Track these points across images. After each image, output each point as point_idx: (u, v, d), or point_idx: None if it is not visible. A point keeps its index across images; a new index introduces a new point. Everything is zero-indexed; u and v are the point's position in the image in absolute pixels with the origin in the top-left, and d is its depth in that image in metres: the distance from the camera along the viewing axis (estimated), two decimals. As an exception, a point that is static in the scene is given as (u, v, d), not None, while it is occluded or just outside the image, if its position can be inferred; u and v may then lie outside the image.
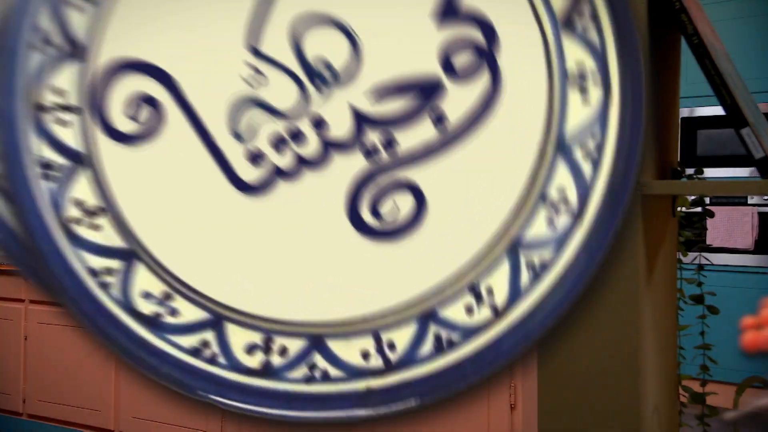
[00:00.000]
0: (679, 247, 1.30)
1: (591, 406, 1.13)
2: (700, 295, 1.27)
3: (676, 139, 1.32)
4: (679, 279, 1.30)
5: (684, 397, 1.28)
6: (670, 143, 1.29)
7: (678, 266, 1.29)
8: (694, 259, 1.33)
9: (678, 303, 1.31)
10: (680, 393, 1.29)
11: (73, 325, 3.34)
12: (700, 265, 1.28)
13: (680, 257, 1.28)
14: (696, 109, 4.11)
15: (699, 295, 1.27)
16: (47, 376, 3.54)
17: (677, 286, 1.30)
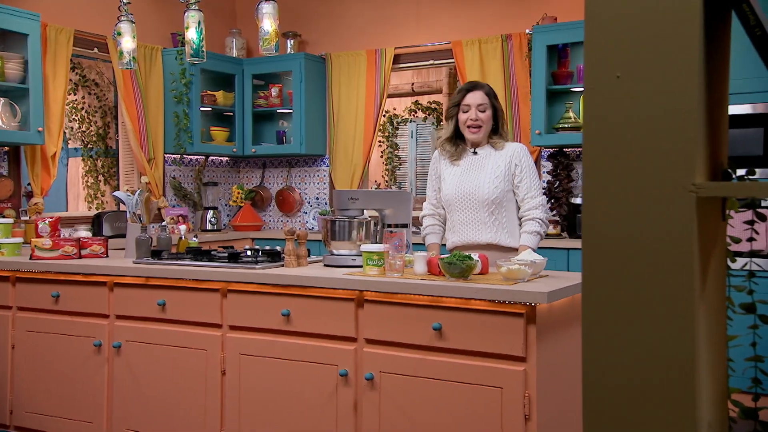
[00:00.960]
0: (728, 253, 1.26)
1: (642, 423, 1.08)
2: (751, 304, 1.23)
3: (726, 138, 1.28)
4: (727, 287, 1.26)
5: (734, 413, 1.24)
6: (721, 143, 1.25)
7: (726, 273, 1.25)
8: (743, 266, 1.29)
9: (726, 312, 1.27)
10: (730, 408, 1.25)
11: (63, 333, 3.29)
12: (751, 272, 1.23)
13: (729, 264, 1.24)
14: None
15: (750, 304, 1.23)
16: (36, 387, 3.47)
17: (725, 294, 1.26)
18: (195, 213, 5.71)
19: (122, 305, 3.24)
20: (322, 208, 5.86)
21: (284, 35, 5.87)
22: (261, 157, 6.07)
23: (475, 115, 3.11)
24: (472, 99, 3.12)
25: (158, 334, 3.14)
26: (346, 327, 2.73)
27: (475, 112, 3.12)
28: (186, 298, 3.07)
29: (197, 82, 5.38)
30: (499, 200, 3.08)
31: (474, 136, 3.14)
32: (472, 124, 3.12)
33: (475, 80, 3.36)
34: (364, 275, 2.75)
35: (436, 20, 5.47)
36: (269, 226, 6.13)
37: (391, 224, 3.11)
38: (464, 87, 3.18)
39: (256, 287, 2.92)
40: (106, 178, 5.92)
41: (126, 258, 3.47)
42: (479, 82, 3.25)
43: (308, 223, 5.92)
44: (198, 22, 3.08)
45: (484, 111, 3.12)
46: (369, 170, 5.85)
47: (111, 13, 5.14)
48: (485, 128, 3.14)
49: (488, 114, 3.13)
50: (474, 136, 3.14)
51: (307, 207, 5.99)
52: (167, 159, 5.54)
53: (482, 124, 3.13)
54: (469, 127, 3.13)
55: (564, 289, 2.49)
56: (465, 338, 2.49)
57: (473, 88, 3.16)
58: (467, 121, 3.12)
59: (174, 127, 5.36)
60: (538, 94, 4.75)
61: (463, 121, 3.14)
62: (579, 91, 4.85)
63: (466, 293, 2.49)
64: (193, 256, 3.24)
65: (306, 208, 5.99)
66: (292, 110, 5.63)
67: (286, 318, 2.84)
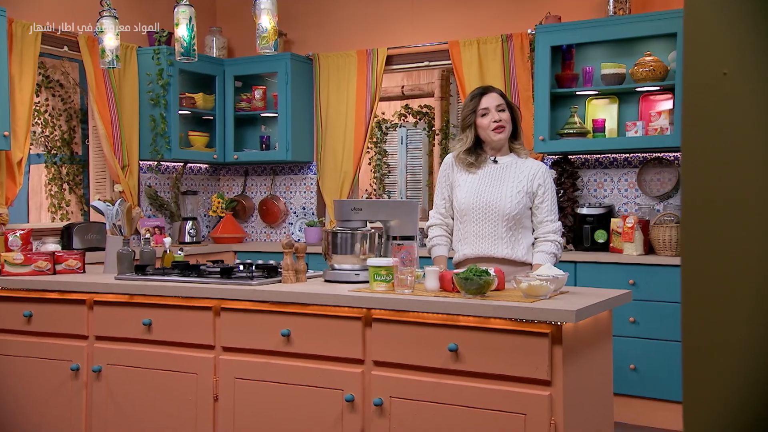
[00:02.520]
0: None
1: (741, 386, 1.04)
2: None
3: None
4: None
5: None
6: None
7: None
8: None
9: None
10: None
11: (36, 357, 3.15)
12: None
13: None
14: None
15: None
16: (5, 415, 3.33)
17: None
18: (172, 224, 5.59)
19: (103, 325, 3.12)
20: (309, 218, 5.77)
21: (268, 34, 5.78)
22: (243, 164, 5.98)
23: (498, 117, 3.08)
24: (489, 101, 3.09)
25: (143, 356, 3.03)
26: (353, 348, 2.65)
27: (496, 113, 3.08)
28: (174, 317, 2.97)
29: (175, 83, 5.28)
30: (519, 216, 3.04)
31: (500, 136, 3.11)
32: (497, 125, 3.08)
33: (483, 85, 3.32)
34: (371, 292, 2.68)
35: (431, 19, 5.43)
36: (252, 237, 6.04)
37: (396, 236, 3.05)
38: (476, 92, 3.14)
39: (252, 305, 2.83)
40: (71, 186, 5.77)
41: (106, 273, 3.35)
42: (489, 85, 3.23)
43: (294, 234, 5.83)
44: (189, 18, 3.01)
45: (503, 110, 3.11)
46: (359, 178, 5.78)
47: (83, 9, 5.04)
48: (508, 128, 3.12)
49: (507, 115, 3.12)
50: (500, 136, 3.11)
51: (292, 217, 5.91)
52: (142, 166, 5.42)
53: (505, 124, 3.10)
54: (493, 130, 3.09)
55: (592, 307, 2.43)
56: (484, 360, 2.42)
57: (486, 91, 3.14)
58: (490, 124, 3.08)
59: (150, 132, 5.25)
60: (541, 97, 4.72)
61: (485, 125, 3.09)
62: (584, 95, 4.83)
63: (484, 311, 2.42)
64: (180, 272, 3.14)
65: (292, 219, 5.91)
66: (277, 114, 5.55)
67: (286, 338, 2.76)
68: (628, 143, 4.59)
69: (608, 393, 2.75)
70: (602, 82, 4.68)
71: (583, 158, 4.97)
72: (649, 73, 4.48)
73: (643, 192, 4.77)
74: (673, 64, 4.44)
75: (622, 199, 4.86)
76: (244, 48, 5.98)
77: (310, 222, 5.56)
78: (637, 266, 4.29)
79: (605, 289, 2.86)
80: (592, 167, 4.96)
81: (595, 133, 4.73)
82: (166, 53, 5.23)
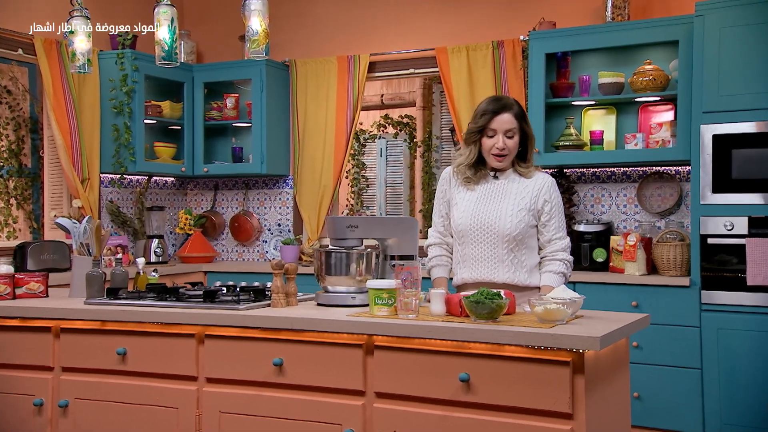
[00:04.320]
0: None
1: None
2: None
3: None
4: None
5: None
6: None
7: None
8: None
9: None
10: None
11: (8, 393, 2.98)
12: None
13: None
14: (728, 125, 4.09)
15: None
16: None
17: None
18: (135, 242, 5.47)
19: (71, 355, 3.01)
20: (285, 236, 5.69)
21: (241, 38, 5.71)
22: (213, 178, 5.91)
23: (502, 144, 2.98)
24: (500, 124, 2.96)
25: (117, 389, 2.93)
26: (353, 378, 2.58)
27: (502, 140, 2.98)
28: (153, 345, 2.88)
29: (140, 90, 5.19)
30: (521, 236, 2.97)
31: (499, 165, 3.02)
32: (498, 153, 3.00)
33: (502, 97, 3.12)
34: (371, 316, 2.62)
35: (417, 24, 5.41)
36: (222, 257, 5.94)
37: (395, 256, 2.99)
38: (490, 108, 2.99)
39: (239, 331, 2.75)
40: (19, 201, 5.59)
41: (72, 297, 3.24)
42: (506, 100, 3.04)
43: (268, 253, 5.74)
44: (171, 20, 2.94)
45: (512, 137, 2.99)
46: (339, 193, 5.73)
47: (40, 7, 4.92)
48: (511, 156, 3.03)
49: (516, 141, 2.99)
50: (499, 164, 3.02)
51: (267, 235, 5.83)
52: (104, 179, 5.30)
53: (508, 152, 3.01)
54: (494, 155, 3.01)
55: (616, 332, 2.40)
56: (498, 391, 2.37)
57: (501, 109, 2.98)
58: (492, 149, 3.00)
59: (113, 143, 5.15)
60: (535, 108, 4.71)
61: (487, 148, 3.01)
62: (581, 105, 4.84)
63: (499, 338, 2.37)
64: (157, 295, 3.04)
65: (266, 237, 5.82)
66: (251, 124, 5.50)
67: (278, 368, 2.68)
68: (627, 156, 4.60)
69: (626, 426, 2.71)
70: (600, 91, 4.70)
71: (580, 172, 4.97)
72: (650, 83, 4.50)
73: (643, 208, 4.78)
74: (675, 73, 4.47)
75: (620, 215, 4.86)
76: (215, 53, 5.91)
77: (287, 240, 5.49)
78: (639, 287, 4.28)
79: (621, 313, 2.83)
80: (589, 181, 4.96)
81: (592, 146, 4.74)
82: (131, 58, 5.14)
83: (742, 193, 4.07)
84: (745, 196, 4.05)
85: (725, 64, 4.09)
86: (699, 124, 4.16)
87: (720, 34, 4.10)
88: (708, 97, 4.13)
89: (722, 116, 4.11)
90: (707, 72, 4.13)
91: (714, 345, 4.07)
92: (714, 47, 4.11)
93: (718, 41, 4.10)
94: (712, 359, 4.07)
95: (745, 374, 4.00)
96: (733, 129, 4.09)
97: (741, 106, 4.07)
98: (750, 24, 4.05)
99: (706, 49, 4.13)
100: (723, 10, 4.09)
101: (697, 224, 4.15)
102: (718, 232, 4.10)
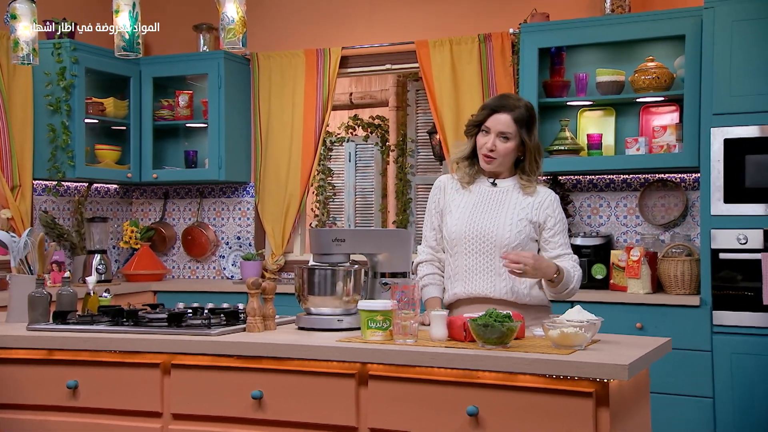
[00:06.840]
0: None
1: None
2: None
3: None
4: None
5: None
6: None
7: None
8: None
9: None
10: None
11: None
12: None
13: None
14: (741, 128, 4.13)
15: None
16: None
17: None
18: (74, 258, 5.35)
19: (11, 390, 2.92)
20: (246, 251, 5.64)
21: (196, 28, 5.65)
22: (163, 185, 5.87)
23: (491, 144, 2.98)
24: (494, 123, 2.97)
25: (67, 428, 2.85)
26: (344, 413, 2.54)
27: (492, 140, 2.98)
28: (109, 377, 2.81)
29: (81, 85, 5.10)
30: (520, 248, 2.95)
31: (487, 167, 3.04)
32: (487, 153, 3.00)
33: (510, 96, 3.12)
34: (364, 342, 2.59)
35: (395, 14, 5.41)
36: (174, 274, 5.88)
37: (385, 273, 2.96)
38: (490, 105, 3.02)
39: (211, 360, 2.71)
40: (-66, 211, 5.47)
41: (11, 323, 3.14)
42: (511, 100, 3.03)
43: (226, 270, 5.68)
44: (132, 5, 2.87)
45: (506, 141, 2.98)
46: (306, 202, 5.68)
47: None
48: (501, 161, 3.02)
49: (510, 146, 2.98)
50: (487, 166, 3.03)
51: (224, 249, 5.78)
52: (36, 187, 5.20)
53: (498, 156, 3.00)
54: (483, 155, 3.01)
55: (642, 359, 2.38)
56: (511, 426, 2.34)
57: (500, 108, 2.98)
58: (482, 148, 3.01)
59: (48, 145, 5.06)
60: (527, 108, 4.71)
61: (479, 146, 3.03)
62: (577, 106, 4.86)
63: (512, 366, 2.34)
64: (112, 319, 2.96)
65: (223, 251, 5.78)
66: (207, 124, 5.48)
67: (257, 402, 2.63)
68: (627, 162, 4.63)
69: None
70: (597, 91, 4.73)
71: (575, 179, 4.99)
72: (652, 81, 4.53)
73: (645, 219, 4.81)
74: (681, 71, 4.51)
75: (621, 227, 4.88)
76: (165, 45, 5.82)
77: (247, 255, 5.43)
78: (644, 306, 4.30)
79: (641, 337, 2.84)
80: (586, 190, 4.98)
81: (589, 151, 4.76)
82: (70, 48, 5.05)
83: (756, 203, 4.10)
84: (760, 207, 4.09)
85: (737, 62, 4.13)
86: (708, 128, 4.20)
87: (732, 27, 4.14)
88: (718, 98, 4.17)
89: (734, 118, 4.15)
90: (717, 70, 4.17)
91: (727, 371, 4.09)
92: (725, 42, 4.15)
93: (730, 36, 4.14)
94: (726, 387, 4.09)
95: (761, 403, 4.02)
96: (746, 132, 4.13)
97: (755, 107, 4.11)
98: (765, 17, 4.10)
99: (717, 45, 4.17)
100: (735, 2, 4.14)
101: (708, 237, 4.18)
102: (730, 246, 4.12)
